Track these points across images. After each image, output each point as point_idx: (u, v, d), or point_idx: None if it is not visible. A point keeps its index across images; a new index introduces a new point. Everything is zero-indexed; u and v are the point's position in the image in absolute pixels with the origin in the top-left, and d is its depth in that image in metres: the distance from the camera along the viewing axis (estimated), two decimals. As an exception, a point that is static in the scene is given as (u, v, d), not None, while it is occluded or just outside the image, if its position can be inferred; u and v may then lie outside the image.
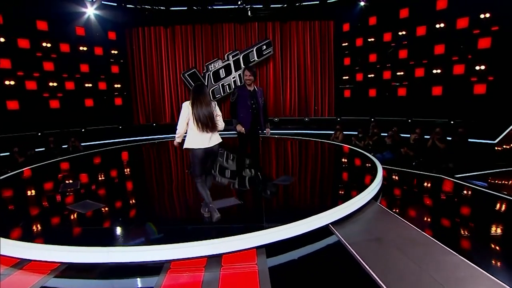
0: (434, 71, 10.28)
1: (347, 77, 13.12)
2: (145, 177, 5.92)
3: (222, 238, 2.91)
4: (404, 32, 10.88)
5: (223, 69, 13.19)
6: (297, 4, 12.16)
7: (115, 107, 12.49)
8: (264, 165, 6.08)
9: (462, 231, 3.56)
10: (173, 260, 2.84)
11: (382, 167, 5.20)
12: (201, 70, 13.16)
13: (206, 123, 3.31)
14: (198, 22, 12.78)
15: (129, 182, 5.55)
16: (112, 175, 5.99)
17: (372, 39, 11.86)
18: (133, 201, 4.49)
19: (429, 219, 3.93)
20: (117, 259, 2.82)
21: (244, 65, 13.13)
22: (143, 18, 12.20)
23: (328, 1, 12.07)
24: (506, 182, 5.47)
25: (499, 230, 3.51)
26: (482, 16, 9.05)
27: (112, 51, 12.32)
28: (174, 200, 4.53)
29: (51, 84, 10.61)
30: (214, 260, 2.87)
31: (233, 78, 13.27)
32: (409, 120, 10.14)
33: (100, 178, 5.78)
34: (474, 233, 3.54)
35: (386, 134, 7.70)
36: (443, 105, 10.07)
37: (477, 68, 9.29)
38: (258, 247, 3.01)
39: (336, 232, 3.42)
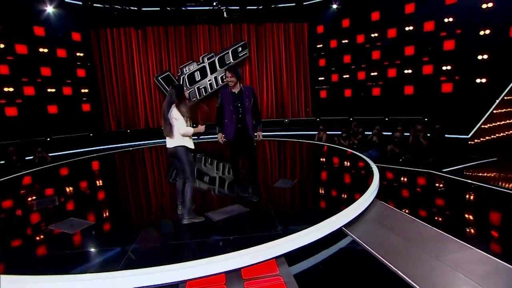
0: (406, 71, 10.82)
1: (322, 78, 13.38)
2: (131, 187, 5.46)
3: (241, 251, 2.69)
4: (376, 34, 11.33)
5: (198, 71, 12.83)
6: (273, 6, 12.18)
7: (83, 114, 11.57)
8: (259, 169, 5.90)
9: (467, 223, 3.67)
10: (189, 280, 2.57)
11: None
12: (175, 73, 12.68)
13: (163, 126, 3.34)
14: (171, 23, 12.30)
15: (114, 193, 5.07)
16: (93, 187, 5.45)
17: (346, 41, 12.22)
18: (126, 215, 4.09)
19: (431, 213, 4.01)
20: (125, 285, 2.48)
21: (220, 67, 12.91)
22: (112, 19, 11.48)
23: (304, 3, 12.19)
24: (487, 174, 5.82)
25: (496, 220, 3.68)
26: (446, 20, 9.69)
27: (77, 53, 11.42)
28: (171, 212, 4.18)
29: (6, 89, 9.55)
30: (234, 275, 2.65)
31: (209, 81, 12.95)
32: (386, 119, 10.55)
33: (79, 191, 5.23)
34: (477, 223, 3.67)
35: (370, 133, 7.89)
36: (415, 104, 10.60)
37: (444, 68, 9.92)
38: (277, 257, 2.83)
39: (350, 234, 3.36)
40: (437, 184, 5.16)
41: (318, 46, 13.18)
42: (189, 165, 3.38)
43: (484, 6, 8.89)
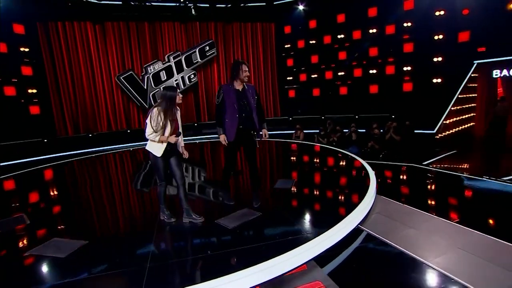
0: (371, 72, 11.45)
1: (291, 78, 13.58)
2: (112, 195, 4.87)
3: (274, 259, 2.49)
4: (342, 36, 11.81)
5: (164, 71, 12.14)
6: (242, 4, 12.02)
7: (31, 117, 10.20)
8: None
9: (460, 209, 3.92)
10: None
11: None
12: (139, 73, 11.83)
13: None
14: (133, 19, 11.44)
15: (95, 204, 4.45)
16: (65, 199, 4.75)
17: (314, 41, 12.55)
18: (120, 228, 3.61)
19: (426, 202, 4.21)
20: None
21: (187, 67, 12.38)
22: (64, 11, 10.29)
23: (274, 3, 12.22)
24: (459, 164, 6.37)
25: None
26: (405, 24, 10.46)
27: (22, 49, 10.03)
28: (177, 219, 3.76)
29: None
30: (269, 285, 2.45)
31: (175, 80, 12.33)
32: (356, 117, 11.04)
33: (50, 206, 4.52)
34: (467, 208, 3.94)
35: (346, 130, 8.15)
36: (380, 102, 11.28)
37: (405, 69, 10.70)
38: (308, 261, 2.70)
39: (365, 229, 3.38)
40: (422, 176, 5.49)
41: (286, 46, 13.34)
42: (155, 169, 3.35)
43: (437, 13, 9.77)
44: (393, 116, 9.91)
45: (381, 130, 7.70)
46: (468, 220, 3.53)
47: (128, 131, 11.51)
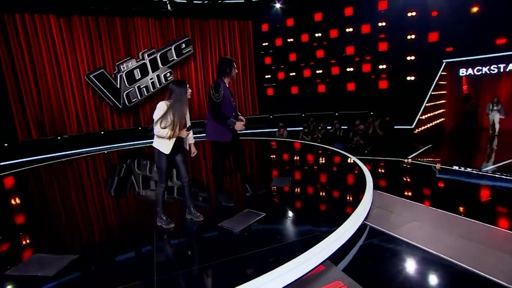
0: (348, 69, 11.72)
1: (269, 76, 13.54)
2: (98, 204, 4.45)
3: (293, 261, 2.37)
4: (320, 34, 11.96)
5: (138, 69, 11.54)
6: (219, 1, 11.75)
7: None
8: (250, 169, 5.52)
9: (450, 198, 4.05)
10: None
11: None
12: (111, 71, 11.14)
13: None
14: (103, 13, 10.73)
15: (78, 212, 4.02)
16: (42, 208, 4.26)
17: (291, 40, 12.59)
18: (112, 238, 3.28)
19: (419, 194, 4.32)
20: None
21: (162, 65, 11.88)
22: (23, 2, 9.39)
23: (252, 0, 12.07)
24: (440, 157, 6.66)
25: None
26: (380, 24, 10.83)
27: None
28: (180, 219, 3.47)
29: None
30: (289, 290, 2.32)
31: (150, 79, 11.79)
32: (336, 114, 11.23)
33: (26, 217, 4.03)
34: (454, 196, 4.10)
35: (329, 127, 8.24)
36: (357, 99, 11.59)
37: (380, 67, 11.08)
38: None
39: (370, 224, 3.37)
40: (410, 169, 5.65)
41: (264, 44, 13.27)
42: (159, 169, 3.14)
43: (409, 14, 10.22)
44: (371, 113, 10.21)
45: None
46: (463, 210, 3.66)
47: (102, 132, 10.80)
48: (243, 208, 3.55)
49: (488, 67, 9.50)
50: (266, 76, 13.61)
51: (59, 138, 9.98)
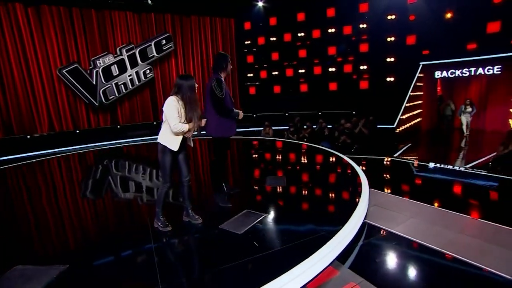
0: (330, 69, 11.91)
1: (251, 75, 13.46)
2: (81, 207, 4.12)
3: (306, 262, 2.30)
4: (303, 34, 12.05)
5: (115, 65, 10.99)
6: (201, -3, 11.49)
7: None
8: (241, 169, 5.40)
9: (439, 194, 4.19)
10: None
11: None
12: (86, 66, 10.52)
13: None
14: (76, 5, 10.09)
15: (60, 216, 3.70)
16: (18, 212, 3.87)
17: (274, 38, 12.58)
18: (104, 245, 3.03)
19: (412, 191, 4.43)
20: None
21: (141, 61, 11.41)
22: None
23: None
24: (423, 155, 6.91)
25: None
26: (361, 26, 11.09)
27: None
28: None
29: None
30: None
31: (129, 76, 11.27)
32: (319, 113, 11.36)
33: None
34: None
35: (314, 126, 8.30)
36: (339, 99, 11.81)
37: (361, 67, 11.36)
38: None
39: (369, 222, 3.40)
40: (396, 167, 5.80)
41: (246, 42, 13.16)
42: (162, 167, 2.99)
43: (389, 17, 10.55)
44: (353, 112, 10.45)
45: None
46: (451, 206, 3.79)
47: (77, 131, 10.17)
48: (237, 207, 3.45)
49: (460, 70, 10.03)
50: (249, 75, 13.51)
51: (28, 137, 9.26)
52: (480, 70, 9.72)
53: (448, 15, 9.75)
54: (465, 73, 9.99)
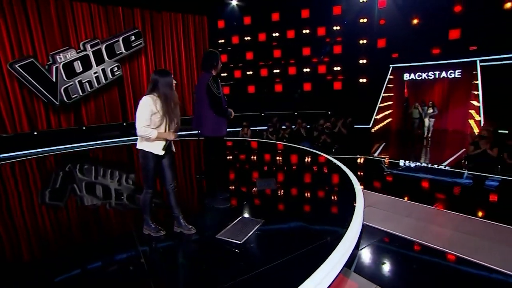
0: (304, 70, 12.02)
1: (225, 74, 13.19)
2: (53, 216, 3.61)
3: (321, 269, 2.16)
4: (277, 34, 12.04)
5: (79, 61, 10.15)
6: (173, -9, 11.00)
7: None
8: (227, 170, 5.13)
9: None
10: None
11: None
12: (44, 61, 9.57)
13: None
14: (30, -8, 9.12)
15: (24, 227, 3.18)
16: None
17: (249, 38, 12.43)
18: (86, 259, 2.63)
19: (402, 191, 4.51)
20: None
21: (108, 58, 10.65)
22: None
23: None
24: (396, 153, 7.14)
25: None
26: (334, 28, 11.33)
27: None
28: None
29: None
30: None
31: (94, 73, 10.47)
32: (296, 113, 11.41)
33: None
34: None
35: (293, 127, 8.28)
36: (313, 99, 11.97)
37: (335, 69, 11.61)
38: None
39: (365, 223, 3.37)
40: (378, 166, 5.93)
41: (220, 41, 12.87)
42: (145, 173, 2.71)
43: (361, 20, 10.89)
44: (329, 112, 10.63)
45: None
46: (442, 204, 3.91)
47: (35, 133, 9.19)
48: (230, 213, 3.25)
49: (426, 73, 10.64)
50: (222, 74, 13.21)
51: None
52: (444, 74, 10.38)
53: (415, 21, 10.28)
54: (431, 76, 10.62)
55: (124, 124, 10.93)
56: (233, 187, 4.33)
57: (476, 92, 9.86)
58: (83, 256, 2.59)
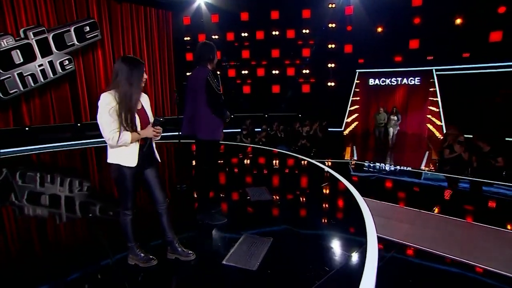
0: (273, 72, 11.87)
1: (190, 73, 12.44)
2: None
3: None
4: (246, 34, 11.71)
5: (18, 50, 8.71)
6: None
7: None
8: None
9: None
10: None
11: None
12: (-29, 48, 8.03)
13: None
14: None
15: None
16: None
17: (216, 37, 11.92)
18: None
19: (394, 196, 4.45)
20: None
21: (57, 49, 9.34)
22: None
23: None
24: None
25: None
26: (304, 31, 11.38)
27: None
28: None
29: None
30: None
31: (39, 66, 9.08)
32: (266, 115, 11.17)
33: None
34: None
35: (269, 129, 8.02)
36: (282, 101, 11.88)
37: (304, 71, 11.66)
38: None
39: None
40: (364, 169, 5.90)
41: (186, 38, 12.16)
42: (121, 191, 2.16)
43: (330, 25, 11.08)
44: (300, 115, 10.60)
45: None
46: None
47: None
48: (229, 230, 2.84)
49: (390, 79, 11.19)
50: (187, 74, 12.46)
51: None
52: (405, 80, 11.01)
53: (379, 29, 10.75)
54: (393, 82, 11.19)
55: (79, 125, 9.68)
56: (223, 197, 3.88)
57: (432, 99, 10.61)
58: None
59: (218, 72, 3.07)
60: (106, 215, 3.48)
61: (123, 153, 2.05)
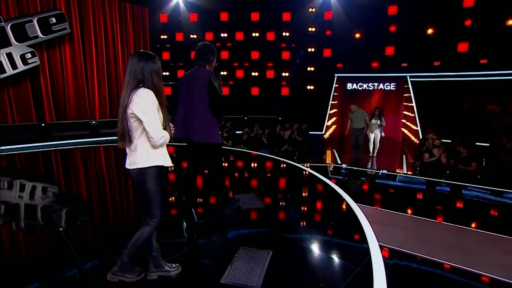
0: (253, 74, 11.71)
1: (167, 73, 12.00)
2: None
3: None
4: (226, 35, 11.45)
5: (-31, 41, 7.84)
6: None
7: None
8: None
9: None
10: None
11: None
12: None
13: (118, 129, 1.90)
14: None
15: None
16: None
17: (194, 36, 11.55)
18: None
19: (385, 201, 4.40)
20: None
21: (17, 41, 8.51)
22: None
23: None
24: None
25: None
26: (284, 34, 11.34)
27: None
28: None
29: None
30: None
31: (-4, 60, 8.21)
32: (245, 118, 10.95)
33: None
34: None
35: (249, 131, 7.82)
36: (261, 104, 11.74)
37: (283, 74, 11.61)
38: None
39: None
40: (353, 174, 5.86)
41: (162, 37, 11.67)
42: (152, 196, 1.92)
43: (310, 29, 11.14)
44: (279, 118, 10.50)
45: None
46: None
47: None
48: (224, 241, 2.60)
49: (367, 84, 11.45)
50: (164, 73, 11.97)
51: None
52: (381, 85, 11.32)
53: (357, 35, 10.97)
54: (370, 87, 11.47)
55: (43, 125, 8.86)
56: (208, 204, 3.61)
57: (407, 104, 11.00)
58: None
59: (223, 73, 2.85)
60: (77, 226, 3.08)
61: (162, 153, 1.92)
